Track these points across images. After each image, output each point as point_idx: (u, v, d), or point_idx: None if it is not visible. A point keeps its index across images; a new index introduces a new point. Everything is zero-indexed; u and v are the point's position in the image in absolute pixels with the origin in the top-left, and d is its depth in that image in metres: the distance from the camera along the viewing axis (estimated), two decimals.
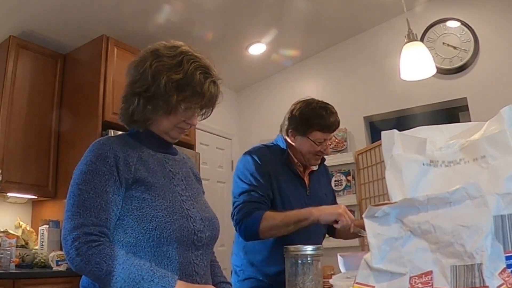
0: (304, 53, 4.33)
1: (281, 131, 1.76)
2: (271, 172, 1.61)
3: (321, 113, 1.64)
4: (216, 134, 4.46)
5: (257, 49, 4.07)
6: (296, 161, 1.70)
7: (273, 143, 1.76)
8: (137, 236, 1.00)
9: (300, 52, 4.29)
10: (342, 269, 1.37)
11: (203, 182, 1.39)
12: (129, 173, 1.04)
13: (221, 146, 4.52)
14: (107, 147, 1.06)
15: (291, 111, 1.70)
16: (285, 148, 1.70)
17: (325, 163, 1.86)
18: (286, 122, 1.71)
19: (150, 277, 0.92)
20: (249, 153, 1.67)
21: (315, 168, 1.76)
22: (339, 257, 1.38)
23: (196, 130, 3.78)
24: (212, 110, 1.20)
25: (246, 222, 1.49)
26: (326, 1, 3.53)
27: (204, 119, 1.23)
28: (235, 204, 1.57)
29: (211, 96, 1.12)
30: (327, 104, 1.70)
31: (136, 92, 1.10)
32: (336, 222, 1.43)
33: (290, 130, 1.68)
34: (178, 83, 1.08)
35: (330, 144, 1.75)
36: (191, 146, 3.58)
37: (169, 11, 3.23)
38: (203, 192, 1.29)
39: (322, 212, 1.44)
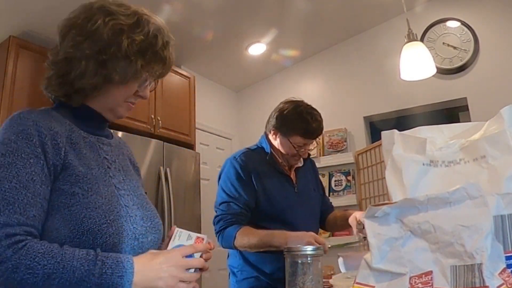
0: (304, 53, 4.33)
1: (266, 127, 1.77)
2: (253, 176, 1.62)
3: (306, 118, 1.64)
4: (216, 134, 4.46)
5: (257, 49, 4.07)
6: (280, 160, 1.71)
7: (257, 146, 1.77)
8: (64, 240, 0.77)
9: (300, 52, 4.29)
10: (342, 269, 1.37)
11: (203, 182, 1.40)
12: (58, 158, 0.83)
13: (221, 146, 4.52)
14: (29, 122, 0.82)
15: (278, 110, 1.71)
16: (268, 149, 1.71)
17: (325, 163, 1.89)
18: (272, 120, 1.72)
19: (100, 269, 0.73)
20: (232, 158, 1.68)
21: (300, 164, 1.77)
22: (339, 257, 1.39)
23: (196, 130, 3.78)
24: (156, 83, 1.02)
25: (223, 235, 1.56)
26: (326, 1, 3.53)
27: (142, 97, 0.99)
28: (216, 214, 1.63)
29: (170, 64, 0.97)
30: (314, 110, 1.70)
31: (86, 54, 0.88)
32: None
33: (273, 129, 1.70)
34: (140, 46, 0.90)
35: (311, 149, 1.77)
36: (191, 146, 3.58)
37: (169, 11, 3.23)
38: (143, 186, 1.07)
39: (291, 243, 1.44)
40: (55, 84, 0.93)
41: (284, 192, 1.67)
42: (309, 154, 1.81)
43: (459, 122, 3.65)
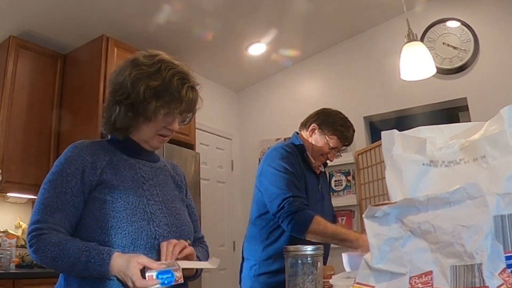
0: (304, 53, 4.33)
1: (301, 126, 1.89)
2: (299, 166, 1.72)
3: (347, 124, 1.81)
4: (216, 134, 4.46)
5: (257, 49, 4.07)
6: (313, 160, 1.81)
7: (291, 142, 1.85)
8: (95, 235, 1.03)
9: (300, 52, 4.29)
10: (346, 267, 1.37)
11: (203, 182, 1.41)
12: (94, 176, 1.09)
13: (221, 146, 4.52)
14: (77, 150, 1.12)
15: (320, 111, 1.86)
16: (303, 146, 1.80)
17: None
18: (312, 118, 1.84)
19: (86, 258, 0.97)
20: (281, 145, 1.76)
21: (322, 169, 1.90)
22: (343, 255, 1.39)
23: (196, 130, 3.79)
24: (192, 115, 1.22)
25: (299, 217, 1.54)
26: (326, 1, 3.53)
27: (185, 125, 1.25)
28: (285, 196, 1.59)
29: (190, 101, 1.16)
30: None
31: (117, 100, 1.14)
32: None
33: (313, 125, 1.82)
34: (156, 90, 1.11)
35: (337, 156, 1.87)
36: (191, 146, 3.58)
37: (169, 11, 3.23)
38: (183, 201, 1.28)
39: (364, 247, 1.46)
40: (103, 124, 1.20)
41: (314, 187, 1.77)
42: (325, 164, 1.93)
43: (459, 122, 3.64)
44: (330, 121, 1.79)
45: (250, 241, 1.76)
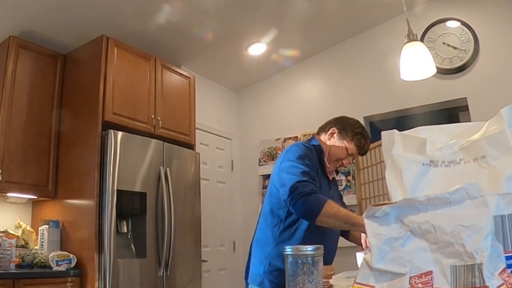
0: (304, 53, 4.33)
1: (319, 130, 1.92)
2: (316, 164, 1.75)
3: (364, 133, 1.86)
4: (216, 134, 4.46)
5: (257, 49, 4.07)
6: (327, 164, 1.83)
7: (311, 143, 1.87)
8: None
9: (300, 52, 4.29)
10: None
11: (203, 182, 1.41)
12: None
13: (221, 146, 4.52)
14: None
15: (340, 117, 1.92)
16: (321, 147, 1.83)
17: None
18: (331, 123, 1.88)
19: None
20: (300, 143, 1.79)
21: (334, 175, 1.93)
22: (357, 254, 1.40)
23: (196, 130, 3.79)
24: None
25: (311, 199, 1.53)
26: (326, 1, 3.53)
27: None
28: (298, 180, 1.58)
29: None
30: None
31: None
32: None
33: (332, 128, 1.85)
34: None
35: (351, 163, 1.92)
36: (191, 146, 3.58)
37: (169, 11, 3.23)
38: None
39: None
40: None
41: (326, 191, 1.78)
42: (337, 172, 1.96)
43: (459, 122, 3.64)
44: (350, 127, 1.83)
45: (260, 237, 1.76)
